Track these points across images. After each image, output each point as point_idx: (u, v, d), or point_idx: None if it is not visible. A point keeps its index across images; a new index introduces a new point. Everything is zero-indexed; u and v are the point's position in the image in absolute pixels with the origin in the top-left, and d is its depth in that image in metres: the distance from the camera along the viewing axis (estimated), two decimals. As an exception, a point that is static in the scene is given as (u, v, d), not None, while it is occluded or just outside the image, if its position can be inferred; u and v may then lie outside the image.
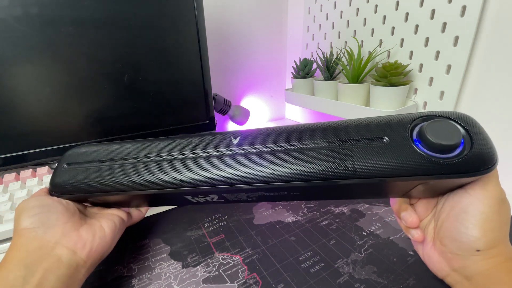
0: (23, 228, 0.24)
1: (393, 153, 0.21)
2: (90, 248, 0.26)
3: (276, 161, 0.23)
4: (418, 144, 0.21)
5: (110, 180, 0.27)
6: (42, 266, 0.22)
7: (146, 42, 0.48)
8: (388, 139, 0.22)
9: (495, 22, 0.39)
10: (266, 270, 0.30)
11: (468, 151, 0.20)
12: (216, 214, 0.39)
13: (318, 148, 0.23)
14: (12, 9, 0.38)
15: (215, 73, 0.68)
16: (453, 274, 0.25)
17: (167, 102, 0.53)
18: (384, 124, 0.22)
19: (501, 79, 0.40)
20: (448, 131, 0.20)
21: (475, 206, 0.22)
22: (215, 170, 0.25)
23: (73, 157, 0.29)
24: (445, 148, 0.20)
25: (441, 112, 0.22)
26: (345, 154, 0.22)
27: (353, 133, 0.23)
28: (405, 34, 0.50)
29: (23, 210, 0.25)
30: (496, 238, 0.22)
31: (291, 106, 0.86)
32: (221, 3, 0.67)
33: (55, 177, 0.29)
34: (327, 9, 0.64)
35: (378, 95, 0.49)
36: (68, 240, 0.25)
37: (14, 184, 0.41)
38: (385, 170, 0.21)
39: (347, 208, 0.40)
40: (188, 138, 0.27)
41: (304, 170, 0.23)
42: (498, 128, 0.42)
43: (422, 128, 0.21)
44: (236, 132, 0.26)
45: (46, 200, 0.27)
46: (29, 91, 0.43)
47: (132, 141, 0.29)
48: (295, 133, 0.24)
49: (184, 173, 0.25)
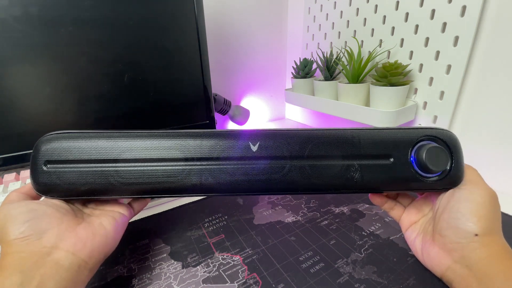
0: (14, 238, 0.22)
1: (395, 173, 0.26)
2: (91, 247, 0.24)
3: (294, 173, 0.26)
4: (414, 163, 0.26)
5: (116, 186, 0.25)
6: (39, 271, 0.21)
7: (146, 42, 0.48)
8: (393, 160, 0.26)
9: (495, 22, 0.39)
10: (266, 270, 0.30)
11: (446, 174, 0.26)
12: (216, 214, 0.39)
13: (334, 163, 0.26)
14: (12, 9, 0.38)
15: (215, 73, 0.68)
16: (453, 266, 0.25)
17: (167, 102, 0.53)
18: (393, 142, 0.26)
19: (501, 79, 0.40)
20: (440, 158, 0.25)
21: (468, 196, 0.25)
22: (232, 178, 0.26)
23: (57, 152, 0.25)
24: (432, 172, 0.26)
25: (438, 132, 0.26)
26: (356, 172, 0.26)
27: (366, 148, 0.26)
28: (405, 34, 0.50)
29: (8, 219, 0.23)
30: (491, 225, 0.24)
31: (291, 106, 0.86)
32: (221, 3, 0.67)
33: (39, 177, 0.25)
34: (327, 9, 0.64)
35: (378, 95, 0.49)
36: (66, 242, 0.23)
37: (14, 184, 0.41)
38: (387, 186, 0.27)
39: (347, 208, 0.40)
40: (201, 137, 0.26)
41: (319, 183, 0.26)
42: (498, 128, 0.42)
43: (421, 152, 0.25)
44: (254, 137, 0.26)
45: (31, 205, 0.24)
46: (29, 91, 0.43)
47: (132, 133, 0.26)
48: (313, 141, 0.26)
49: (203, 180, 0.26)
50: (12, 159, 0.44)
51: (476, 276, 0.23)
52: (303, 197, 0.42)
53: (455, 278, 0.25)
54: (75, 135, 0.26)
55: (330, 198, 0.42)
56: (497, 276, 0.22)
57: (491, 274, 0.22)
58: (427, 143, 0.26)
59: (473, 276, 0.23)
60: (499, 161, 0.42)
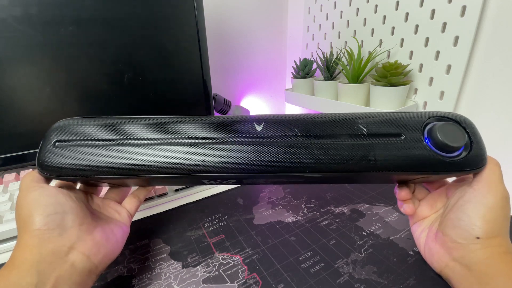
0: (37, 228, 0.22)
1: (410, 151, 0.24)
2: (104, 253, 0.24)
3: (302, 151, 0.24)
4: (428, 143, 0.24)
5: (126, 162, 0.25)
6: (55, 273, 0.21)
7: (146, 42, 0.48)
8: (405, 137, 0.24)
9: (495, 22, 0.39)
10: (266, 270, 0.30)
11: (467, 153, 0.23)
12: (216, 214, 0.39)
13: (343, 141, 0.25)
14: (12, 9, 0.38)
15: (215, 73, 0.68)
16: (452, 264, 0.25)
17: (167, 102, 0.53)
18: (401, 122, 0.25)
19: (501, 79, 0.40)
20: (455, 134, 0.23)
21: (478, 198, 0.24)
22: (239, 157, 0.25)
23: (67, 131, 0.25)
24: (451, 149, 0.23)
25: (447, 113, 0.25)
26: (368, 149, 0.24)
27: (374, 127, 0.25)
28: (405, 34, 0.50)
29: (36, 207, 0.23)
30: (496, 229, 0.23)
31: (291, 106, 0.85)
32: (221, 3, 0.67)
33: (46, 156, 0.25)
34: (327, 9, 0.64)
35: (378, 95, 0.50)
36: (84, 245, 0.23)
37: (14, 184, 0.41)
38: (402, 165, 0.24)
39: (347, 208, 0.40)
40: (208, 119, 0.26)
41: (330, 163, 0.24)
42: (498, 128, 0.42)
43: (434, 129, 0.24)
44: (259, 118, 0.26)
45: (60, 197, 0.24)
46: (29, 91, 0.43)
47: (139, 117, 0.27)
48: (320, 123, 0.25)
49: (208, 158, 0.25)
50: (12, 159, 0.44)
51: (475, 275, 0.23)
52: (303, 197, 0.42)
53: (454, 276, 0.25)
54: (85, 119, 0.27)
55: (330, 198, 0.42)
56: (498, 276, 0.22)
57: (491, 274, 0.22)
58: (437, 123, 0.24)
59: (472, 275, 0.23)
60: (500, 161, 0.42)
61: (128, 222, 0.30)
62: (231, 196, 0.43)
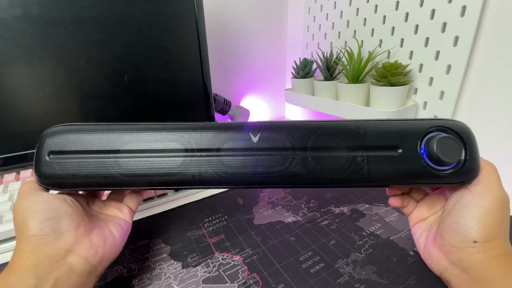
0: (32, 234, 0.22)
1: (404, 165, 0.24)
2: (102, 254, 0.25)
3: (297, 164, 0.25)
4: (424, 155, 0.24)
5: (117, 177, 0.25)
6: (53, 275, 0.21)
7: (146, 42, 0.48)
8: (401, 151, 0.24)
9: (495, 22, 0.39)
10: (266, 270, 0.30)
11: (461, 167, 0.24)
12: (216, 214, 0.39)
13: (338, 154, 0.25)
14: (12, 9, 0.38)
15: (215, 73, 0.68)
16: (450, 268, 0.25)
17: (167, 102, 0.53)
18: (401, 133, 0.25)
19: (501, 79, 0.40)
20: (452, 149, 0.23)
21: (476, 202, 0.23)
22: (235, 169, 0.25)
23: (60, 141, 0.25)
24: (445, 164, 0.24)
25: (449, 122, 0.25)
26: (363, 164, 0.25)
27: (371, 139, 0.25)
28: (405, 34, 0.50)
29: (30, 213, 0.23)
30: (494, 232, 0.23)
31: (291, 106, 0.85)
32: (221, 3, 0.67)
33: (43, 168, 0.25)
34: (327, 9, 0.64)
35: (378, 95, 0.49)
36: (81, 247, 0.24)
37: (14, 184, 0.41)
38: (395, 178, 0.25)
39: (347, 208, 0.40)
40: (203, 130, 0.26)
41: (324, 176, 0.25)
42: (498, 128, 0.42)
43: (432, 142, 0.24)
44: (255, 128, 0.26)
45: (54, 202, 0.24)
46: (29, 91, 0.43)
47: (131, 125, 0.26)
48: (317, 132, 0.25)
49: (204, 172, 0.25)
50: (12, 159, 0.44)
51: (472, 278, 0.23)
52: (303, 197, 0.42)
53: (452, 279, 0.25)
54: (77, 127, 0.26)
55: (330, 198, 0.42)
56: (495, 278, 0.22)
57: (489, 277, 0.22)
58: (437, 134, 0.24)
59: (469, 278, 0.23)
60: (499, 162, 0.42)
61: (129, 219, 0.30)
62: (231, 196, 0.43)
